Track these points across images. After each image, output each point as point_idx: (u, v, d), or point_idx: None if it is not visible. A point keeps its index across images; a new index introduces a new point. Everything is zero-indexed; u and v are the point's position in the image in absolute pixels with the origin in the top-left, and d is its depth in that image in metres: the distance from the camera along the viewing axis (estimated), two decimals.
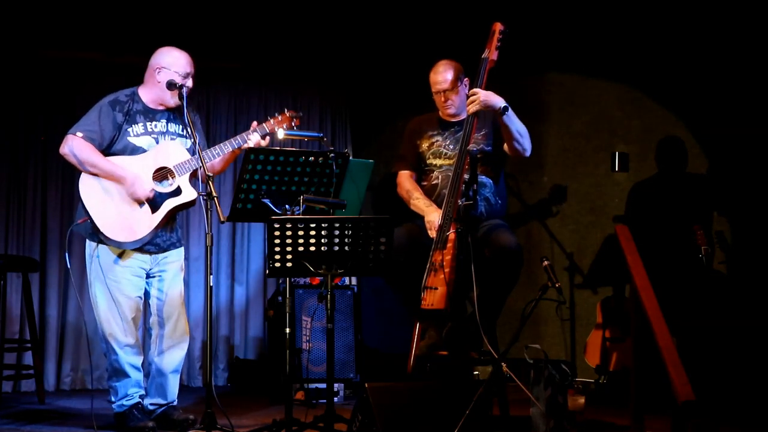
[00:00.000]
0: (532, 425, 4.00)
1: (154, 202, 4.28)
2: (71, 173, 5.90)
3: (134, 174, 4.25)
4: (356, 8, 6.19)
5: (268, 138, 4.42)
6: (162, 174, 4.31)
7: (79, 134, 4.26)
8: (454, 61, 4.76)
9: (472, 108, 4.44)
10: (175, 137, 4.42)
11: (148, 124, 4.38)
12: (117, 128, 4.31)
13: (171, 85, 4.32)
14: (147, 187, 4.25)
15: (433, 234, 4.48)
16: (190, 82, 4.38)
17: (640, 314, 3.92)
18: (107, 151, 4.31)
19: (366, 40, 6.36)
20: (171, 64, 4.35)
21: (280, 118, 4.46)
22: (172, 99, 4.37)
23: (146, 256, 4.38)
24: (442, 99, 4.73)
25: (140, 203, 4.26)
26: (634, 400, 4.15)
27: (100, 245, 4.31)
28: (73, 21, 5.87)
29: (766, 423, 4.65)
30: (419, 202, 4.69)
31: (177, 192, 4.30)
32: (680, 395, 3.47)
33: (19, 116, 5.99)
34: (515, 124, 4.56)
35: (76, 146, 4.24)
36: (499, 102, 4.46)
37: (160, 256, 4.41)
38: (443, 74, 4.71)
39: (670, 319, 3.82)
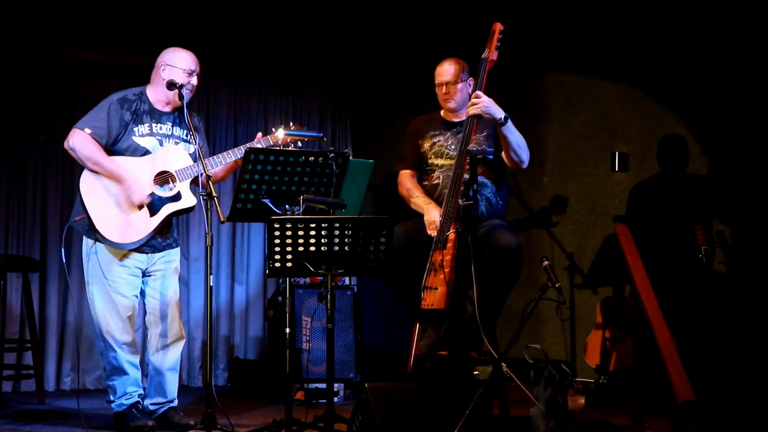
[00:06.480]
0: (532, 425, 4.00)
1: (153, 206, 4.28)
2: (71, 173, 5.90)
3: (135, 177, 4.25)
4: (356, 8, 6.19)
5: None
6: (163, 178, 4.30)
7: (87, 130, 4.26)
8: (461, 59, 4.78)
9: (472, 111, 4.46)
10: (179, 141, 4.43)
11: (153, 125, 4.38)
12: (124, 126, 4.32)
13: (171, 85, 4.32)
14: (145, 192, 4.25)
15: (432, 231, 4.48)
16: (194, 80, 4.40)
17: (640, 314, 3.93)
18: (110, 148, 4.31)
19: (366, 40, 6.36)
20: (175, 61, 4.38)
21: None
22: (176, 96, 4.38)
23: (143, 256, 4.38)
24: (443, 91, 4.74)
25: (139, 207, 4.26)
26: (634, 400, 4.15)
27: (98, 243, 4.31)
28: (73, 21, 5.86)
29: (766, 423, 4.65)
30: (419, 200, 4.70)
31: (177, 197, 4.31)
32: (680, 395, 3.48)
33: (19, 116, 5.97)
34: (514, 134, 4.57)
35: (82, 142, 4.24)
36: (499, 112, 4.49)
37: (157, 255, 4.42)
38: (447, 67, 4.74)
39: (670, 319, 3.82)
